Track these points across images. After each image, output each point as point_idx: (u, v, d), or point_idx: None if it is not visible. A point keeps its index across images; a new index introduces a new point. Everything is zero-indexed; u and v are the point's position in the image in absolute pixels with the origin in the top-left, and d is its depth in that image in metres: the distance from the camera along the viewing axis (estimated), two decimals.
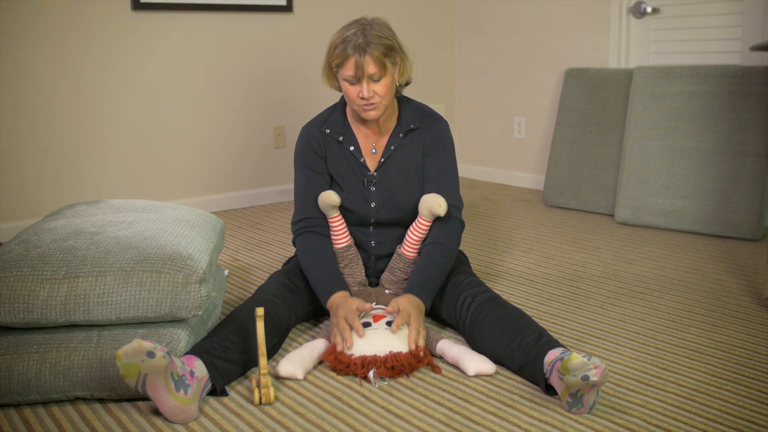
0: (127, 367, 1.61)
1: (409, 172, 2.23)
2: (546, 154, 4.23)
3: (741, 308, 2.36)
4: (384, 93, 2.08)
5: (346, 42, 2.04)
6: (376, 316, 2.02)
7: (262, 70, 3.95)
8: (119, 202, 2.27)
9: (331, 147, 2.24)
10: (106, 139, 3.53)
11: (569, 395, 1.69)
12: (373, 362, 1.88)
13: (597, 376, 1.60)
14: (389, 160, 2.23)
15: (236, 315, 1.99)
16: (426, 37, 4.57)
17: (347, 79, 2.07)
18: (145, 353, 1.59)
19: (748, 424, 1.66)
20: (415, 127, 2.24)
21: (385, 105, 2.12)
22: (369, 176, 2.22)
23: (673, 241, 3.17)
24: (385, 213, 2.25)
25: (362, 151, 2.23)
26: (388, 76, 2.08)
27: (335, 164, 2.24)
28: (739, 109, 3.20)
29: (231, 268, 2.88)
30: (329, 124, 2.24)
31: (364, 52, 2.02)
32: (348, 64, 2.04)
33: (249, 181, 4.03)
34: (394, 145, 2.23)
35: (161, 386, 1.64)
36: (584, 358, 1.60)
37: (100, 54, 3.44)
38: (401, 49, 2.14)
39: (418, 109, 2.28)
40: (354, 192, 2.23)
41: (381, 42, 2.04)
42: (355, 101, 2.10)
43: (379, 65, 2.04)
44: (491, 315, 1.99)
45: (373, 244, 2.29)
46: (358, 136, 2.25)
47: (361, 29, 2.06)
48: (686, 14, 3.56)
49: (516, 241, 3.21)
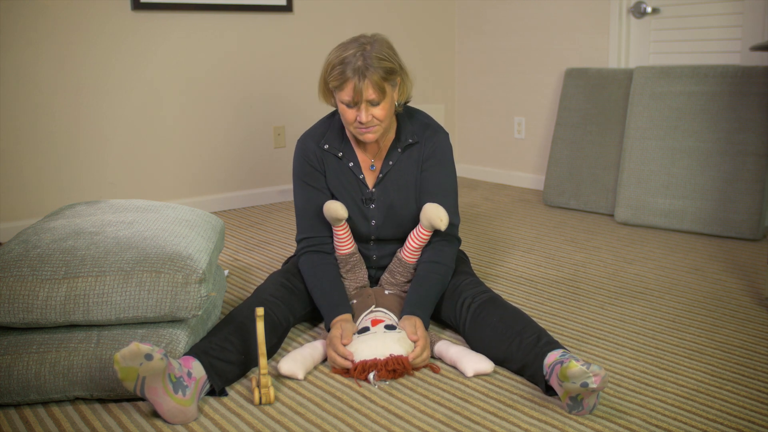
0: (125, 371, 1.60)
1: (408, 187, 2.20)
2: (546, 154, 4.23)
3: (741, 308, 2.36)
4: (383, 117, 2.02)
5: (345, 64, 1.95)
6: (374, 320, 2.01)
7: (262, 70, 3.95)
8: (119, 202, 2.26)
9: (330, 162, 2.19)
10: (106, 139, 3.53)
11: (569, 398, 1.69)
12: (373, 366, 1.88)
13: (596, 384, 1.60)
14: (388, 176, 2.19)
15: (235, 315, 1.98)
16: (426, 37, 4.56)
17: (345, 102, 2.01)
18: (143, 356, 1.59)
19: (748, 424, 1.66)
20: (414, 142, 2.18)
21: (383, 128, 2.07)
22: (368, 193, 2.19)
23: (673, 241, 3.17)
24: (385, 230, 2.23)
25: (361, 167, 2.20)
26: (388, 100, 2.01)
27: (334, 180, 2.20)
28: (739, 109, 3.20)
29: (231, 268, 2.88)
30: (327, 139, 2.19)
31: (364, 77, 1.94)
32: (346, 88, 1.97)
33: (249, 181, 4.03)
34: (392, 161, 2.18)
35: (159, 388, 1.64)
36: (583, 366, 1.60)
37: (100, 54, 3.44)
38: (401, 69, 2.05)
39: (418, 121, 2.21)
40: (353, 210, 2.21)
41: (381, 65, 1.96)
42: (352, 124, 2.04)
43: (378, 91, 1.96)
44: (491, 316, 1.99)
45: (374, 257, 2.29)
46: (357, 151, 2.20)
47: (361, 50, 1.97)
48: (686, 14, 3.56)
49: (516, 241, 3.21)
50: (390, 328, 1.97)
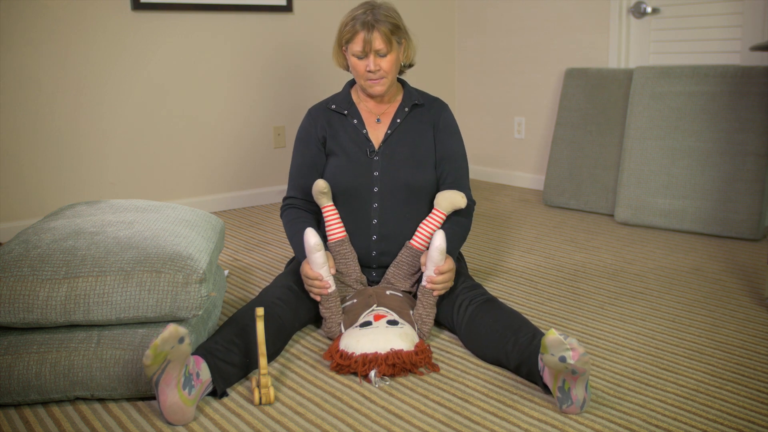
0: (159, 356, 1.60)
1: (414, 145, 2.29)
2: (546, 154, 4.23)
3: (741, 308, 2.36)
4: (389, 69, 2.20)
5: (355, 19, 2.18)
6: (376, 315, 2.02)
7: (262, 70, 3.95)
8: (119, 202, 2.27)
9: (335, 122, 2.31)
10: (106, 139, 3.53)
11: (558, 390, 1.70)
12: (374, 360, 1.88)
13: (574, 359, 1.60)
14: (395, 132, 2.29)
15: (241, 317, 1.98)
16: (426, 37, 4.56)
17: (355, 54, 2.18)
18: (178, 339, 1.61)
19: (748, 424, 1.66)
20: (419, 103, 2.33)
21: (389, 81, 2.23)
22: (371, 146, 2.28)
23: (673, 241, 3.17)
24: (387, 180, 2.25)
25: (365, 123, 2.31)
26: (394, 53, 2.20)
27: (338, 137, 2.29)
28: (739, 109, 3.20)
29: (231, 268, 2.88)
30: (335, 101, 2.35)
31: (372, 28, 2.15)
32: (357, 39, 2.17)
33: (249, 181, 4.03)
34: (400, 119, 2.30)
35: (174, 378, 1.65)
36: (560, 335, 1.61)
37: (100, 54, 3.44)
38: (406, 32, 2.26)
39: (423, 92, 2.40)
40: (356, 162, 2.26)
41: (388, 20, 2.17)
42: (363, 75, 2.21)
43: (385, 41, 2.16)
44: (487, 317, 2.00)
45: (375, 222, 2.26)
46: (362, 111, 2.33)
47: (370, 8, 2.19)
48: (686, 14, 3.56)
49: (516, 241, 3.21)
50: (392, 324, 1.97)
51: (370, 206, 2.26)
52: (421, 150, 2.29)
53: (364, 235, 2.26)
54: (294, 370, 1.97)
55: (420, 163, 2.27)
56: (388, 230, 2.26)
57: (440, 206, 2.20)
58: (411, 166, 2.26)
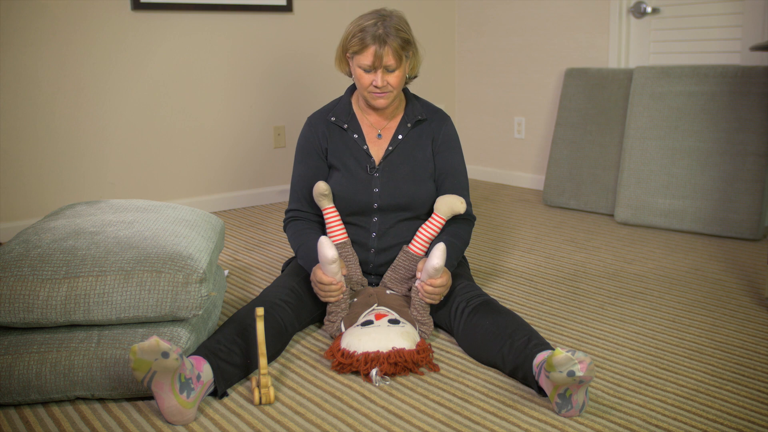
0: (139, 362, 1.61)
1: (415, 161, 2.25)
2: (546, 154, 4.23)
3: (741, 308, 2.36)
4: (396, 84, 2.15)
5: (365, 31, 2.09)
6: (378, 314, 2.02)
7: (262, 70, 3.95)
8: (119, 202, 2.27)
9: (335, 135, 2.26)
10: (106, 139, 3.53)
11: (558, 396, 1.68)
12: (376, 358, 1.88)
13: (583, 371, 1.59)
14: (397, 149, 2.25)
15: (243, 317, 1.98)
16: (426, 37, 4.56)
17: (363, 66, 2.12)
18: (160, 353, 1.60)
19: (748, 424, 1.66)
20: (422, 119, 2.29)
21: (394, 95, 2.19)
22: (372, 163, 2.23)
23: (673, 241, 3.17)
24: (387, 198, 2.23)
25: (365, 138, 2.27)
26: (402, 68, 2.14)
27: (338, 151, 2.25)
28: (739, 109, 3.20)
29: (231, 268, 2.88)
30: (335, 112, 2.29)
31: (384, 43, 2.07)
32: (366, 53, 2.09)
33: (249, 181, 4.03)
34: (402, 134, 2.26)
35: (166, 385, 1.65)
36: (568, 353, 1.60)
37: (100, 54, 3.44)
38: (415, 44, 2.20)
39: (426, 104, 2.36)
40: (356, 178, 2.23)
41: (399, 35, 2.10)
42: (367, 88, 2.16)
43: (396, 57, 2.10)
44: (483, 319, 1.99)
45: (374, 235, 2.26)
46: (363, 124, 2.28)
47: (381, 20, 2.10)
48: (686, 14, 3.56)
49: (516, 241, 3.21)
50: (393, 323, 1.97)
51: (370, 220, 2.26)
52: (421, 165, 2.26)
53: (363, 247, 2.27)
54: (294, 370, 1.97)
55: (420, 179, 2.25)
56: (386, 243, 2.27)
57: (440, 211, 2.19)
58: (411, 183, 2.23)
